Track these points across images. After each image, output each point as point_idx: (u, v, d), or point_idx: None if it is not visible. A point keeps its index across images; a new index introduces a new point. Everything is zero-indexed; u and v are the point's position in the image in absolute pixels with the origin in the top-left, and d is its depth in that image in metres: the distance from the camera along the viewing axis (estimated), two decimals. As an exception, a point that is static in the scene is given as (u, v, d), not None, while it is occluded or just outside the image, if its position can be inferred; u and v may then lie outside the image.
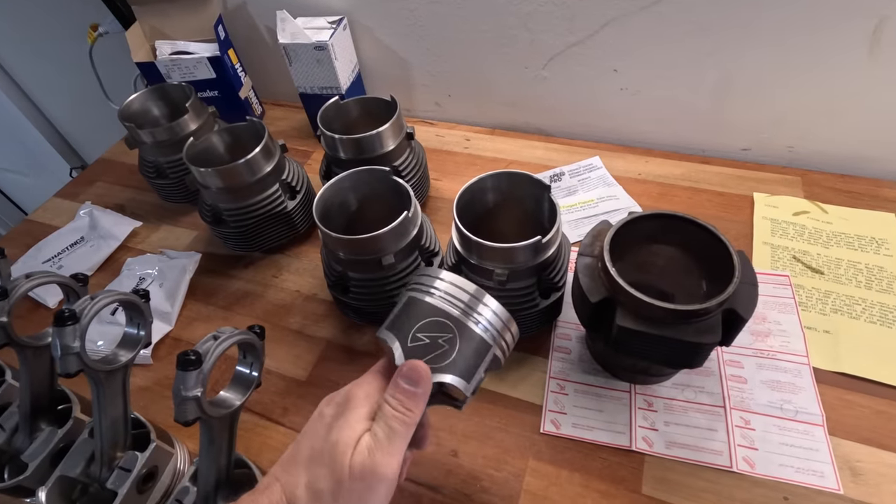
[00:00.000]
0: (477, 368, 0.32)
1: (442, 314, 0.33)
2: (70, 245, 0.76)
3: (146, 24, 0.84)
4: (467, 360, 0.32)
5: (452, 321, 0.32)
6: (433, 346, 0.32)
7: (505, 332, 0.34)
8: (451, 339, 0.32)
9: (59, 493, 0.45)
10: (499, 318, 0.33)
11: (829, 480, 0.45)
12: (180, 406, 0.37)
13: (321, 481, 0.28)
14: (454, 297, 0.33)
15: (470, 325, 0.32)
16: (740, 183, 0.70)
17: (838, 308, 0.56)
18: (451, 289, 0.33)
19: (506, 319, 0.34)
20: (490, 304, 0.33)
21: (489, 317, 0.33)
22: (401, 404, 0.29)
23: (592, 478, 0.47)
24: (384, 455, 0.28)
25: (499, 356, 0.33)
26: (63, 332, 0.40)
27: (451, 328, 0.32)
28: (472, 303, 0.33)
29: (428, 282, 0.34)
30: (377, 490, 0.27)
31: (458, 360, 0.32)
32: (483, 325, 0.33)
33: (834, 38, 0.60)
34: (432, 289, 0.34)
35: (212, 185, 0.63)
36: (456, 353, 0.32)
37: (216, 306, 0.66)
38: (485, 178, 0.53)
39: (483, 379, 0.33)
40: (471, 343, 0.32)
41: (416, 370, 0.30)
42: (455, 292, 0.33)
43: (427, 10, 0.76)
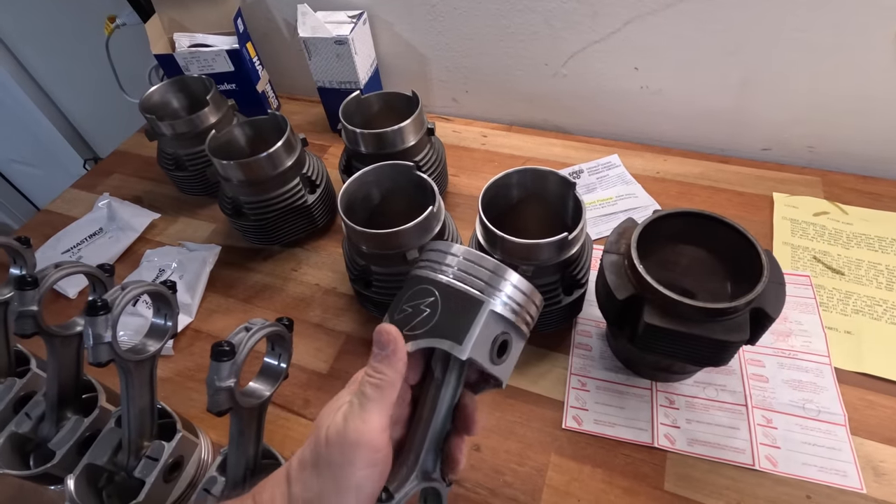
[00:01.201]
0: (470, 326, 0.28)
1: (425, 281, 0.30)
2: (89, 236, 0.76)
3: (165, 16, 0.84)
4: (453, 319, 0.29)
5: (433, 284, 0.30)
6: (415, 314, 0.30)
7: (500, 282, 0.29)
8: (432, 302, 0.30)
9: (87, 480, 0.46)
10: (487, 271, 0.30)
11: (851, 480, 0.45)
12: (214, 396, 0.37)
13: (306, 451, 0.28)
14: (437, 261, 0.31)
15: (453, 284, 0.29)
16: (760, 183, 0.70)
17: (860, 309, 0.56)
18: (435, 255, 0.31)
19: (496, 269, 0.30)
20: (471, 256, 0.30)
21: (475, 271, 0.30)
22: (372, 369, 0.28)
23: (615, 474, 0.47)
24: (356, 420, 0.27)
25: (500, 311, 0.29)
26: (95, 322, 0.40)
27: (432, 291, 0.30)
28: (453, 262, 0.30)
29: (423, 256, 0.32)
30: (352, 456, 0.26)
31: (441, 322, 0.29)
32: (467, 280, 0.29)
33: (858, 40, 0.60)
34: (421, 261, 0.32)
35: (233, 178, 0.63)
36: (438, 315, 0.29)
37: (236, 299, 0.67)
38: (510, 173, 0.53)
39: (504, 343, 0.29)
40: (456, 301, 0.29)
41: (381, 332, 0.29)
42: (438, 257, 0.31)
43: (447, 6, 0.76)
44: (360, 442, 0.26)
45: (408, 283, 0.32)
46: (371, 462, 0.26)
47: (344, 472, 0.26)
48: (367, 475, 0.26)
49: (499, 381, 0.30)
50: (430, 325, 0.29)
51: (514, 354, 0.30)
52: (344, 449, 0.26)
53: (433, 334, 0.29)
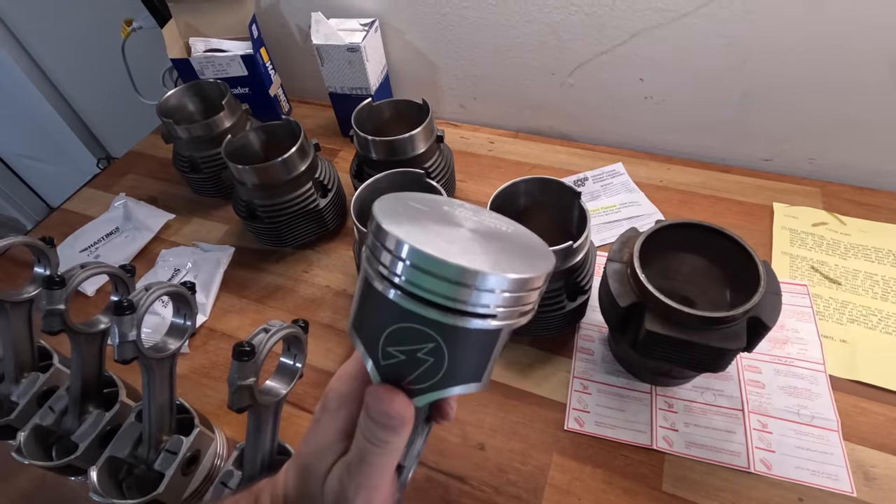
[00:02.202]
0: (488, 362, 0.24)
1: (411, 318, 0.21)
2: (105, 235, 0.78)
3: (181, 21, 0.86)
4: (466, 362, 0.23)
5: (429, 326, 0.21)
6: (413, 364, 0.23)
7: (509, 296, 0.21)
8: (434, 349, 0.22)
9: (108, 472, 0.48)
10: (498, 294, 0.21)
11: (843, 483, 0.47)
12: (235, 394, 0.39)
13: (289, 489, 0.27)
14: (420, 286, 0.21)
15: (457, 324, 0.21)
16: (760, 192, 0.72)
17: (855, 318, 0.58)
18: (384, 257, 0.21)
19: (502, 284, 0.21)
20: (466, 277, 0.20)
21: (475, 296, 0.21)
22: (374, 436, 0.24)
23: (615, 474, 0.49)
24: (358, 488, 0.24)
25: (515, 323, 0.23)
26: (122, 321, 0.42)
27: (431, 336, 0.22)
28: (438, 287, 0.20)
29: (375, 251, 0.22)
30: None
31: (454, 370, 0.23)
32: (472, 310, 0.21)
33: (860, 55, 0.62)
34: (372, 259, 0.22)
35: (248, 182, 0.65)
36: (447, 364, 0.22)
37: (249, 299, 0.69)
38: (518, 182, 0.55)
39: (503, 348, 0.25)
40: (467, 342, 0.22)
41: (383, 402, 0.23)
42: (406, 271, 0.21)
43: (458, 15, 0.77)
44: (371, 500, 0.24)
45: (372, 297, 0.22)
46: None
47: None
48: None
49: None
50: (439, 377, 0.23)
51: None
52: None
53: (445, 385, 0.23)
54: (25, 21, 1.27)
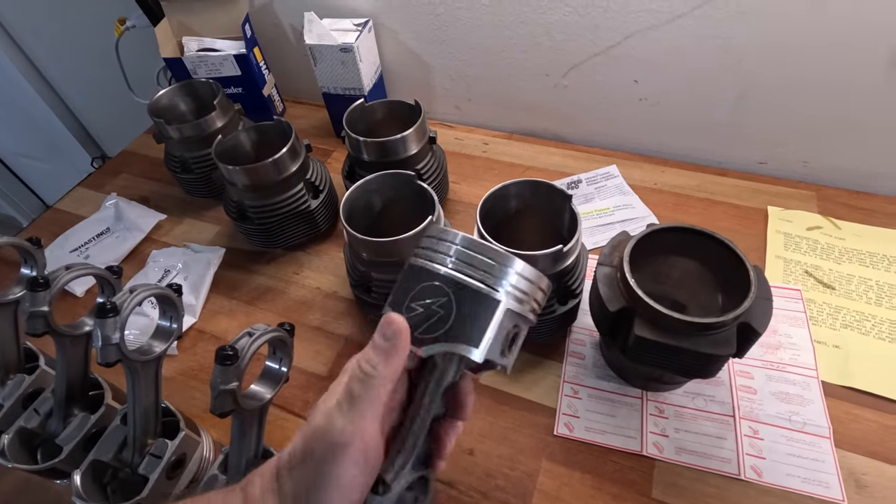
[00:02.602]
0: (487, 329, 0.27)
1: (434, 276, 0.28)
2: (96, 235, 0.78)
3: (174, 20, 0.85)
4: (469, 322, 0.27)
5: (445, 282, 0.28)
6: (427, 315, 0.28)
7: (508, 273, 0.28)
8: (445, 302, 0.28)
9: (92, 476, 0.47)
10: (494, 262, 0.28)
11: (834, 491, 0.46)
12: (217, 399, 0.39)
13: (296, 445, 0.28)
14: (443, 252, 0.29)
15: (466, 282, 0.27)
16: (755, 196, 0.71)
17: (848, 323, 0.57)
18: (439, 245, 0.29)
19: (512, 264, 0.28)
20: (486, 252, 0.28)
21: (481, 263, 0.28)
22: (366, 360, 0.27)
23: (604, 480, 0.49)
24: (343, 420, 0.26)
25: (518, 309, 0.28)
26: (105, 324, 0.42)
27: (445, 291, 0.28)
28: (462, 255, 0.28)
29: (423, 243, 0.30)
30: (340, 456, 0.25)
31: (457, 325, 0.27)
32: (477, 274, 0.28)
33: (854, 58, 0.61)
34: (425, 249, 0.30)
35: (238, 183, 0.65)
36: (454, 319, 0.27)
37: (239, 300, 0.68)
38: (508, 185, 0.54)
39: (514, 336, 0.29)
40: (470, 301, 0.27)
41: (390, 322, 0.27)
42: (444, 248, 0.29)
43: (452, 16, 0.77)
44: (348, 444, 0.25)
45: (410, 273, 0.30)
46: (359, 461, 0.26)
47: (331, 470, 0.25)
48: (356, 474, 0.26)
49: (505, 369, 0.30)
50: (445, 329, 0.27)
51: (520, 343, 0.30)
52: (333, 448, 0.25)
53: (449, 339, 0.27)
54: (20, 19, 1.26)
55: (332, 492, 0.25)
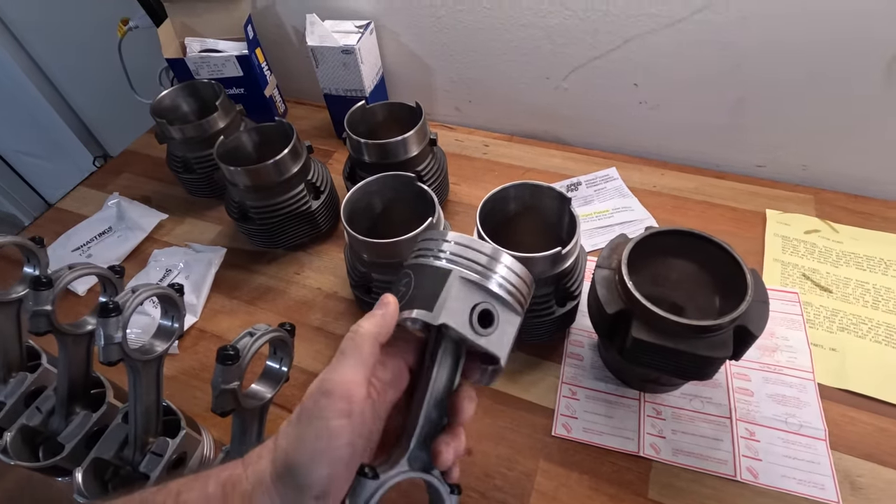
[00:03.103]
0: (437, 296, 0.29)
1: (406, 266, 0.33)
2: (98, 234, 0.78)
3: (177, 21, 0.86)
4: (424, 292, 0.30)
5: (410, 266, 0.32)
6: (399, 291, 0.32)
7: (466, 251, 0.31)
8: (407, 281, 0.32)
9: (94, 473, 0.48)
10: (455, 244, 0.31)
11: (829, 493, 0.46)
12: (218, 398, 0.39)
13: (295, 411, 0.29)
14: (419, 248, 0.33)
15: (422, 262, 0.32)
16: (753, 199, 0.72)
17: (845, 327, 0.57)
18: (418, 244, 0.33)
19: (465, 241, 0.31)
20: (443, 235, 0.32)
21: (444, 246, 0.32)
22: (356, 324, 0.30)
23: (601, 481, 0.49)
24: (330, 371, 0.28)
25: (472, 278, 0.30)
26: (107, 323, 0.42)
27: (408, 273, 0.32)
28: (428, 244, 0.32)
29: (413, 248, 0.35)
30: (325, 405, 0.26)
31: (415, 295, 0.31)
32: (435, 254, 0.31)
33: (853, 63, 0.62)
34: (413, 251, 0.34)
35: (240, 183, 0.65)
36: (412, 290, 0.31)
37: (240, 300, 0.69)
38: (508, 187, 0.55)
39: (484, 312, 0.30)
40: (425, 276, 0.31)
41: (383, 297, 0.31)
42: (420, 245, 0.33)
43: (453, 18, 0.77)
44: (331, 391, 0.27)
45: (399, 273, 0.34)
46: (343, 412, 0.26)
47: (318, 421, 0.26)
48: (341, 426, 0.26)
49: (495, 359, 0.30)
50: (405, 301, 0.31)
51: (507, 329, 0.30)
52: (318, 399, 0.27)
53: (409, 306, 0.30)
54: (24, 19, 1.27)
55: (316, 441, 0.26)
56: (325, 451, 0.26)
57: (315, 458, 0.26)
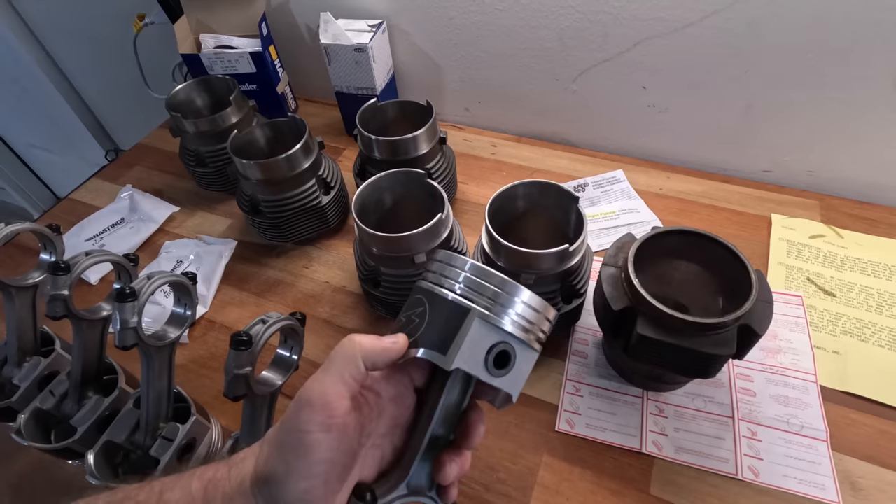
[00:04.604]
0: (455, 336, 0.27)
1: (418, 290, 0.30)
2: (111, 225, 0.80)
3: (193, 17, 0.87)
4: (438, 329, 0.28)
5: (424, 294, 0.30)
6: (407, 324, 0.30)
7: (483, 285, 0.29)
8: (421, 312, 0.29)
9: (105, 456, 0.49)
10: (472, 276, 0.29)
11: (829, 493, 0.47)
12: (231, 383, 0.40)
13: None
14: (430, 270, 0.31)
15: (437, 291, 0.29)
16: (759, 203, 0.72)
17: (848, 330, 0.58)
18: (439, 267, 0.31)
19: (483, 274, 0.29)
20: (458, 264, 0.29)
21: (461, 276, 0.29)
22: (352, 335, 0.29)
23: (603, 476, 0.50)
24: (313, 381, 0.27)
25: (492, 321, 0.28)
26: (124, 308, 0.43)
27: (423, 301, 0.30)
28: (442, 269, 0.30)
29: (428, 266, 0.32)
30: (305, 416, 0.25)
31: (428, 332, 0.28)
32: (450, 285, 0.29)
33: (860, 70, 0.62)
34: (427, 271, 0.32)
35: (252, 177, 0.66)
36: (426, 325, 0.28)
37: (249, 292, 0.70)
38: (517, 185, 0.56)
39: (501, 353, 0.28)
40: (441, 310, 0.28)
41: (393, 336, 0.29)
42: (434, 267, 0.31)
43: (465, 19, 0.78)
44: (311, 400, 0.26)
45: (413, 291, 0.32)
46: (324, 426, 0.25)
47: (296, 434, 0.26)
48: (320, 439, 0.25)
49: (507, 395, 0.29)
50: (418, 335, 0.29)
51: (522, 367, 0.29)
52: (299, 408, 0.26)
53: (422, 345, 0.28)
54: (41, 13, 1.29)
55: (293, 454, 0.25)
56: (300, 466, 0.25)
57: (291, 471, 0.25)
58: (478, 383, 0.30)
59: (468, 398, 0.31)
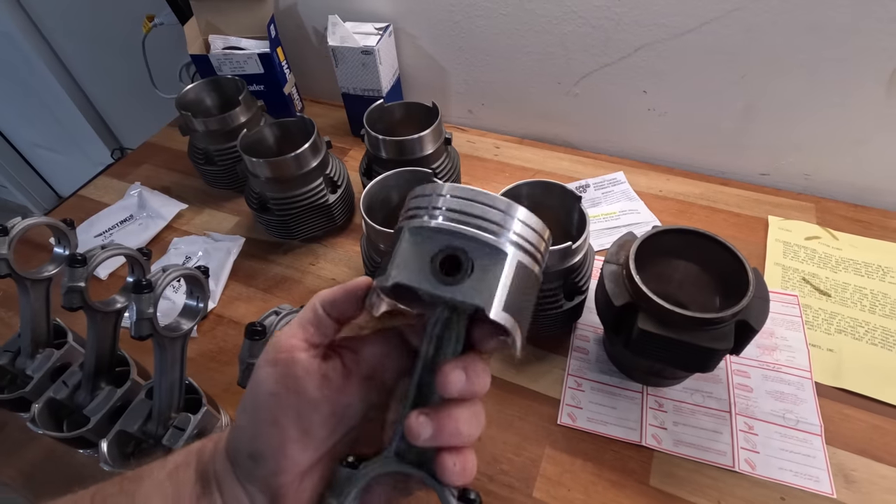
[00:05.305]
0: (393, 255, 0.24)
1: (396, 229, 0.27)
2: (120, 222, 0.81)
3: (202, 19, 0.89)
4: (404, 255, 0.24)
5: (398, 230, 0.25)
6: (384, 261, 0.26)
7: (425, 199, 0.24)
8: (394, 244, 0.25)
9: (117, 445, 0.50)
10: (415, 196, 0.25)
11: (823, 485, 0.48)
12: (245, 371, 0.41)
13: None
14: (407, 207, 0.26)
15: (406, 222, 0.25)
16: (756, 206, 0.74)
17: (843, 329, 0.60)
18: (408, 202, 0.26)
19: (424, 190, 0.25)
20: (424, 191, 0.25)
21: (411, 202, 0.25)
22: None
23: (604, 468, 0.51)
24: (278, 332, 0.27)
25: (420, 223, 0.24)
26: (140, 299, 0.44)
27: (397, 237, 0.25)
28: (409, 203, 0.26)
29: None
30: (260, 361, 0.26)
31: (395, 258, 0.24)
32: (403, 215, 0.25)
33: (855, 77, 0.64)
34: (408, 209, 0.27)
35: (261, 175, 0.68)
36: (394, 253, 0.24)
37: (256, 288, 0.71)
38: (521, 185, 0.57)
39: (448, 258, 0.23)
40: (405, 236, 0.24)
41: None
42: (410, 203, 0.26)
43: (470, 24, 0.80)
44: (270, 342, 0.26)
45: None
46: (271, 360, 0.25)
47: (255, 379, 0.26)
48: (268, 374, 0.25)
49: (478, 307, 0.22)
50: (383, 265, 0.25)
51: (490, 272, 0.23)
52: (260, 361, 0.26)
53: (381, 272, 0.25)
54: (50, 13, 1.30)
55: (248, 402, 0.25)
56: (251, 402, 0.25)
57: (245, 409, 0.26)
58: (476, 329, 0.25)
59: (459, 343, 0.25)
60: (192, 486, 0.26)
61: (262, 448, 0.25)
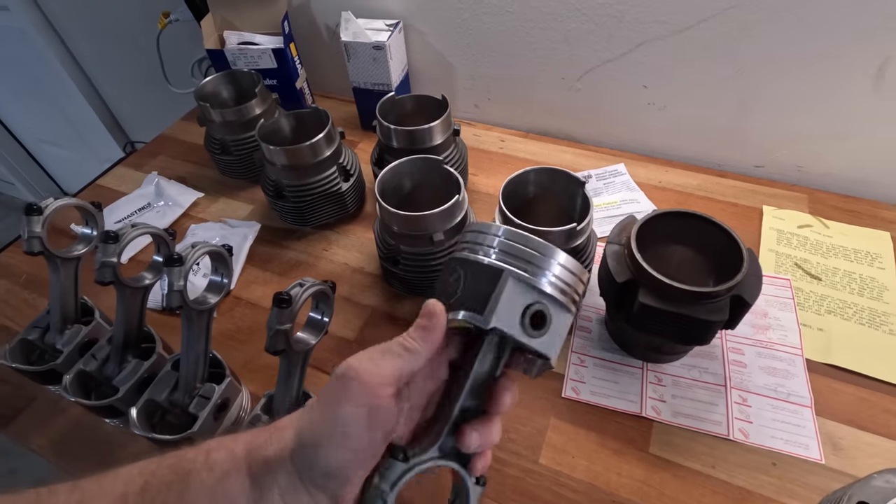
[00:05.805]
0: (489, 297, 0.28)
1: (452, 262, 0.31)
2: (138, 209, 0.84)
3: (218, 15, 0.92)
4: (473, 292, 0.29)
5: (459, 262, 0.31)
6: (444, 290, 0.31)
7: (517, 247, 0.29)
8: (457, 277, 0.30)
9: (145, 414, 0.53)
10: (506, 239, 0.29)
11: (812, 452, 0.51)
12: (273, 337, 0.44)
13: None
14: (465, 241, 0.32)
15: (472, 258, 0.30)
16: (752, 196, 0.77)
17: (832, 310, 0.63)
18: (465, 236, 0.32)
19: (516, 237, 0.29)
20: (493, 230, 0.30)
21: (494, 241, 0.30)
22: (408, 334, 0.29)
23: (607, 437, 0.54)
24: (364, 361, 0.27)
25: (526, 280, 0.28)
26: (172, 272, 0.47)
27: (458, 270, 0.30)
28: (477, 237, 0.31)
29: (461, 237, 0.33)
30: (345, 389, 0.27)
31: (464, 295, 0.29)
32: (485, 251, 0.30)
33: (845, 72, 0.68)
34: (461, 243, 0.32)
35: (277, 163, 0.70)
36: (461, 289, 0.29)
37: (272, 272, 0.74)
38: (528, 171, 0.60)
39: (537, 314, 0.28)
40: (476, 274, 0.29)
41: (428, 304, 0.30)
42: (468, 237, 0.32)
43: (478, 21, 0.83)
44: (357, 378, 0.27)
45: (446, 265, 0.33)
46: (361, 401, 0.26)
47: (335, 404, 0.26)
48: (355, 413, 0.26)
49: (545, 357, 0.29)
50: (453, 300, 0.30)
51: (559, 329, 0.29)
52: (343, 382, 0.27)
53: (460, 307, 0.29)
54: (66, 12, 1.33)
55: (331, 427, 0.26)
56: (338, 436, 0.26)
57: (329, 441, 0.26)
58: (511, 352, 0.31)
59: (500, 366, 0.31)
60: (247, 492, 0.27)
61: (338, 468, 0.26)
